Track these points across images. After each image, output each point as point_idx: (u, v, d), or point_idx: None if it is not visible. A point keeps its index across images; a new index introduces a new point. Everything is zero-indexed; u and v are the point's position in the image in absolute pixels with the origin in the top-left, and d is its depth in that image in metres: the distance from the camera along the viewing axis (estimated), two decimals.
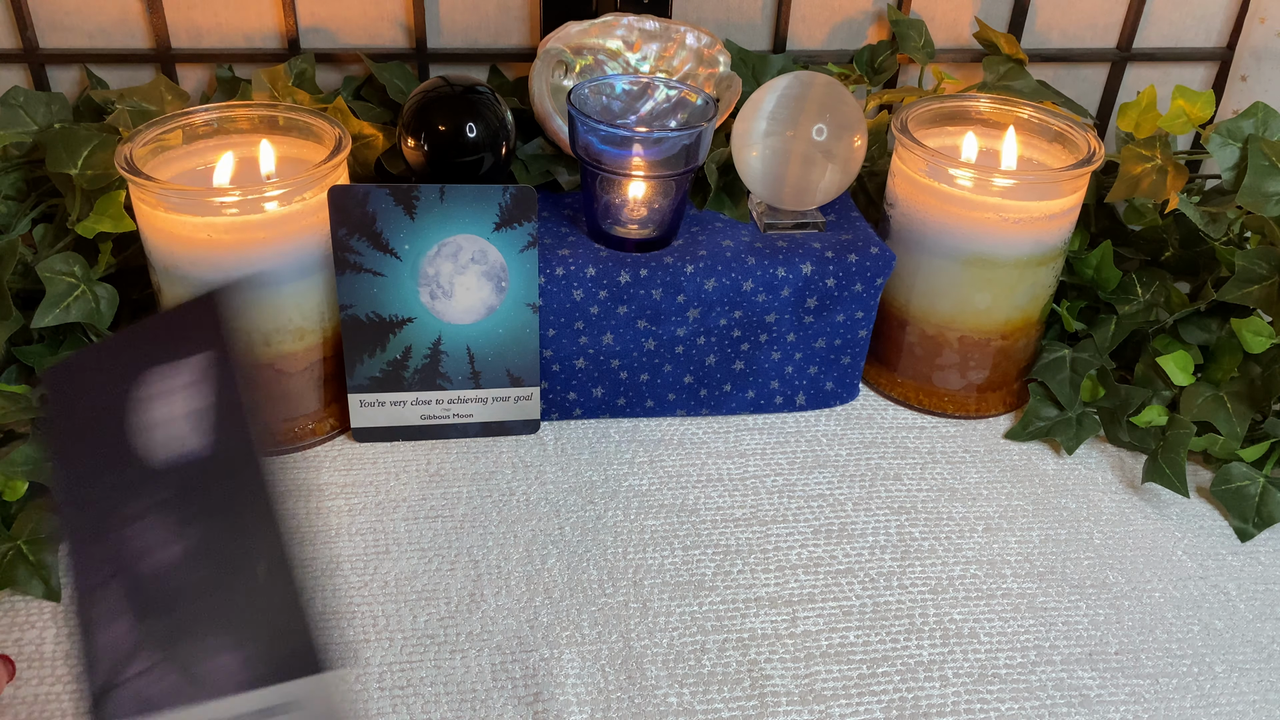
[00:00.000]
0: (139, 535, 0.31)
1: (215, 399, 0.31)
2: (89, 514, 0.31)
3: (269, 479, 0.31)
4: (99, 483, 0.31)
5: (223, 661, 0.30)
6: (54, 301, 0.54)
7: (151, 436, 0.31)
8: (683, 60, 0.68)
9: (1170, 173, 0.61)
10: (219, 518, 0.31)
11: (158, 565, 0.31)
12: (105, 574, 0.31)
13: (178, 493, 0.31)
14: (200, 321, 0.32)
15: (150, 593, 0.31)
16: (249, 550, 0.31)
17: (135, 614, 0.31)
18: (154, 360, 0.31)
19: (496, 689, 0.46)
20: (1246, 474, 0.58)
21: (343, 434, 0.60)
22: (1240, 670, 0.49)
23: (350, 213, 0.54)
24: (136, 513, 0.31)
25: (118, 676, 0.30)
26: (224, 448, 0.31)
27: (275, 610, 0.31)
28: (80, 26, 0.68)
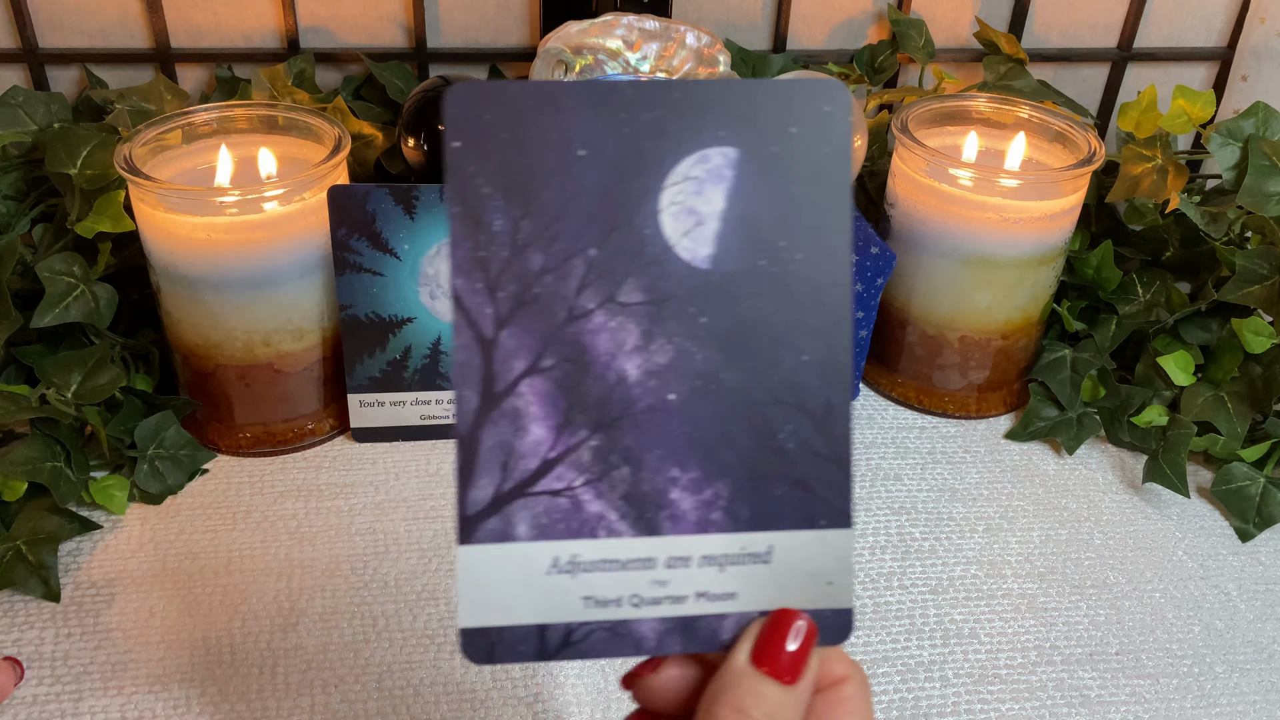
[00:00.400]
0: (598, 335, 0.27)
1: (744, 212, 0.27)
2: (525, 290, 0.27)
3: (800, 322, 0.27)
4: (550, 257, 0.27)
5: (677, 497, 0.28)
6: (53, 301, 0.53)
7: (669, 226, 0.27)
8: (683, 60, 0.68)
9: (1171, 173, 0.61)
10: (713, 345, 0.27)
11: (615, 374, 0.27)
12: (531, 365, 0.27)
13: (669, 299, 0.27)
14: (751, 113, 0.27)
15: (596, 401, 0.27)
16: (746, 389, 0.28)
17: (564, 418, 0.27)
18: (685, 138, 0.26)
19: (496, 690, 0.46)
20: (1247, 474, 0.58)
21: (342, 434, 0.60)
22: (1241, 670, 0.49)
23: (350, 212, 0.54)
24: (600, 304, 0.27)
25: (528, 483, 0.28)
26: (739, 271, 0.27)
27: (770, 451, 0.28)
28: (80, 26, 0.68)
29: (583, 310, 0.27)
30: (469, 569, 0.27)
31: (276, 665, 0.47)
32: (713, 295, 0.27)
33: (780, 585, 0.28)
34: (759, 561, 0.28)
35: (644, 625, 0.28)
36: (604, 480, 0.28)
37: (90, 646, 0.47)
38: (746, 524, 0.28)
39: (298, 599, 0.50)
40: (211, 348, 0.55)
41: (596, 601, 0.28)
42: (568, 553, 0.28)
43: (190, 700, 0.45)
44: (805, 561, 0.28)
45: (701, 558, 0.28)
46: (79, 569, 0.51)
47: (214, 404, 0.57)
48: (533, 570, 0.27)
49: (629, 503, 0.28)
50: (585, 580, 0.28)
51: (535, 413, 0.27)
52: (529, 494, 0.27)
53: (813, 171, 0.27)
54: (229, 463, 0.58)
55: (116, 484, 0.54)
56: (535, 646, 0.28)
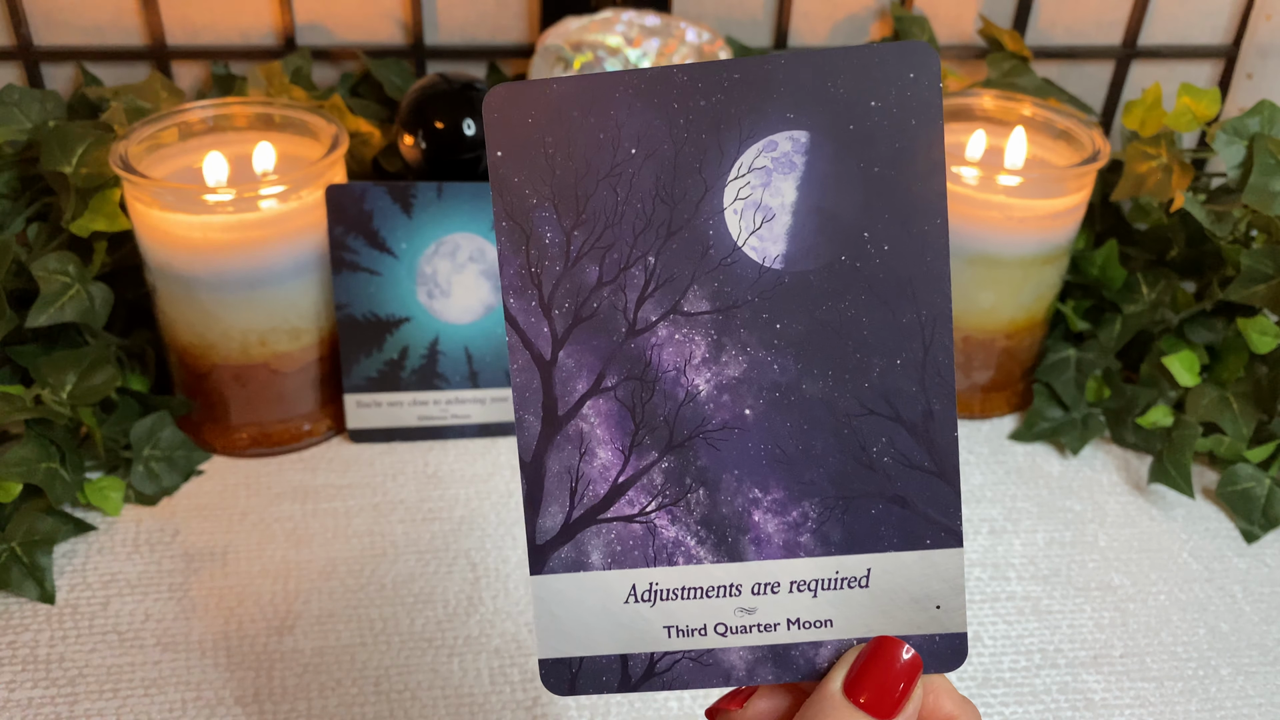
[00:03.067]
0: (663, 350, 0.25)
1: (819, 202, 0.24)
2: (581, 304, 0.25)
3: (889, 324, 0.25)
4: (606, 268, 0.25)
5: (761, 520, 0.26)
6: (48, 301, 0.53)
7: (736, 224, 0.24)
8: (683, 56, 0.67)
9: (1176, 171, 0.61)
10: (790, 353, 0.25)
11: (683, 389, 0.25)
12: (593, 384, 0.26)
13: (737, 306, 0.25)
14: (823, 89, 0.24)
15: (665, 420, 0.25)
16: (830, 400, 0.25)
17: (632, 439, 0.26)
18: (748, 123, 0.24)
19: (495, 693, 0.46)
20: (1253, 475, 0.58)
21: (339, 435, 0.60)
22: (1246, 673, 0.49)
23: (347, 211, 0.54)
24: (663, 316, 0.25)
25: (599, 510, 0.26)
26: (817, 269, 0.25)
27: (860, 465, 0.26)
28: (75, 23, 0.68)
29: (645, 323, 0.25)
30: (544, 599, 0.26)
31: (273, 668, 0.46)
32: (788, 298, 0.25)
33: (882, 611, 0.26)
34: (856, 586, 0.26)
35: (732, 654, 0.26)
36: (679, 504, 0.26)
37: (85, 649, 0.47)
38: (840, 547, 0.26)
39: (294, 601, 0.50)
40: (207, 348, 0.55)
41: (680, 631, 0.26)
42: (645, 580, 0.26)
43: (186, 704, 0.45)
44: (909, 585, 0.26)
45: (792, 583, 0.26)
46: (74, 571, 0.51)
47: (210, 404, 0.57)
48: (610, 600, 0.26)
49: (707, 527, 0.26)
50: (666, 609, 0.26)
51: (601, 435, 0.26)
52: (600, 520, 0.26)
53: (898, 150, 0.24)
54: (225, 464, 0.57)
55: (111, 485, 0.54)
56: (618, 677, 0.27)
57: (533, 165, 0.25)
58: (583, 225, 0.25)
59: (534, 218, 0.25)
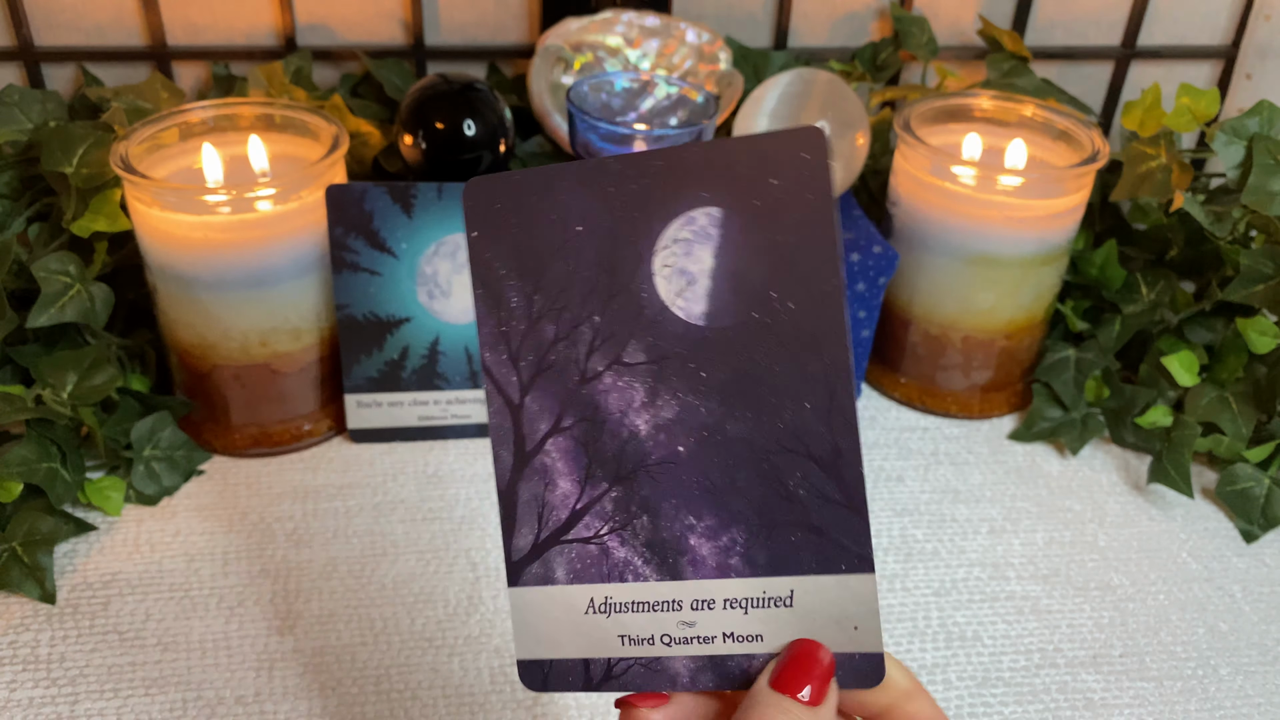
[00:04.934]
0: (609, 395, 0.29)
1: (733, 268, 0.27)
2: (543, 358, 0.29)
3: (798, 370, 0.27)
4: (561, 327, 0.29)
5: (696, 543, 0.29)
6: (49, 301, 0.53)
7: (664, 288, 0.28)
8: (683, 57, 0.67)
9: (1175, 171, 0.61)
10: (715, 397, 0.28)
11: (626, 429, 0.29)
12: (553, 425, 0.29)
13: (669, 356, 0.28)
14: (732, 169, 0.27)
15: (613, 455, 0.29)
16: (751, 438, 0.28)
17: (586, 472, 0.29)
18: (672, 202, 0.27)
19: (495, 692, 0.46)
20: (1252, 475, 0.58)
21: (339, 435, 0.60)
22: (1245, 673, 0.49)
23: (347, 211, 0.54)
24: (609, 367, 0.29)
25: (561, 532, 0.30)
26: (732, 325, 0.28)
27: (780, 497, 0.28)
28: (76, 24, 0.68)
29: (593, 372, 0.29)
30: (519, 609, 0.30)
31: (274, 668, 0.46)
32: (710, 350, 0.28)
33: (805, 629, 0.29)
34: (781, 605, 0.29)
35: (677, 662, 0.29)
36: (626, 529, 0.29)
37: (86, 649, 0.47)
38: (765, 569, 0.29)
39: (295, 601, 0.50)
40: (208, 348, 0.55)
41: (631, 639, 0.30)
42: (601, 594, 0.30)
43: (187, 703, 0.45)
44: (828, 606, 0.28)
45: (725, 600, 0.29)
46: (75, 571, 0.51)
47: (210, 404, 0.57)
48: (573, 610, 0.30)
49: (651, 549, 0.29)
50: (619, 620, 0.30)
51: (561, 468, 0.30)
52: (563, 541, 0.30)
53: (797, 220, 0.27)
54: (225, 464, 0.57)
55: (112, 485, 0.54)
56: (582, 679, 0.30)
57: (500, 243, 0.29)
58: (541, 291, 0.29)
59: (503, 286, 0.29)
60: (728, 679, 0.29)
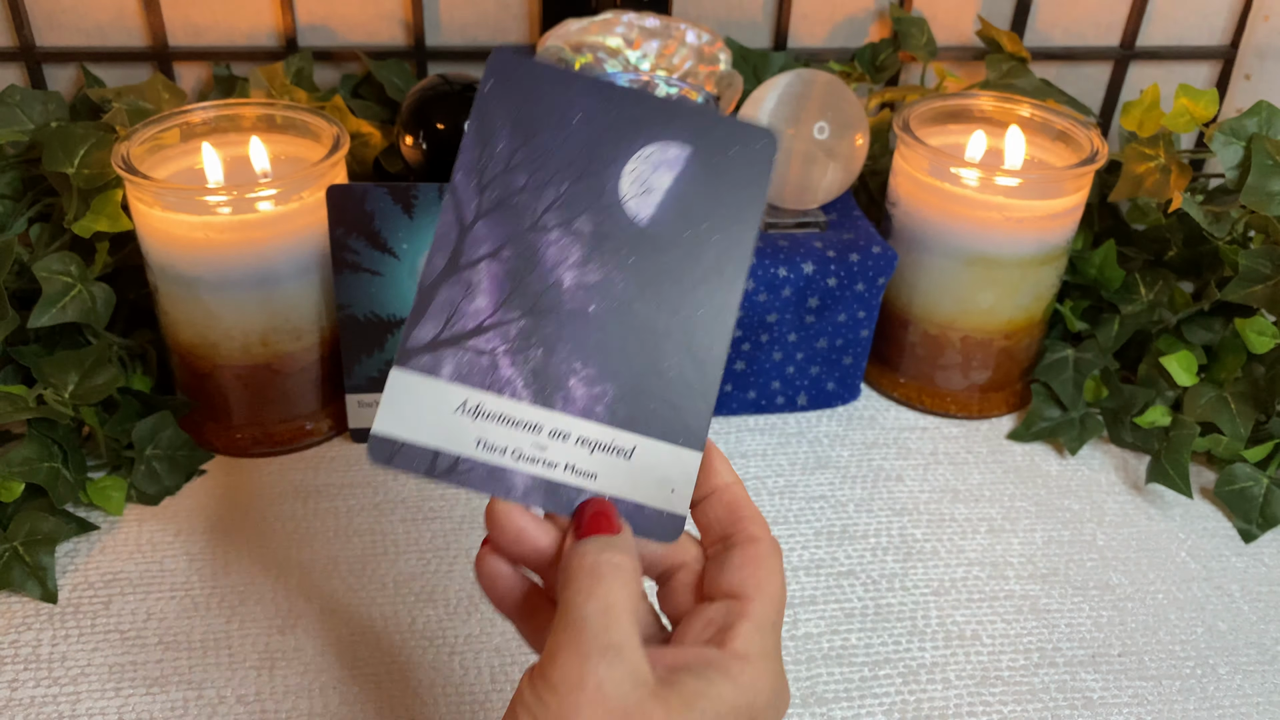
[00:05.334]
0: (551, 246, 0.34)
1: (683, 194, 0.34)
2: (505, 196, 0.34)
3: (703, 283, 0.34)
4: (532, 178, 0.34)
5: (574, 385, 0.34)
6: (50, 301, 0.53)
7: (625, 183, 0.34)
8: (683, 58, 0.67)
9: (1174, 172, 0.61)
10: (633, 278, 0.34)
11: (553, 278, 0.34)
12: (491, 251, 0.34)
13: (609, 229, 0.34)
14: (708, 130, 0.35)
15: (533, 293, 0.34)
16: (650, 319, 0.34)
17: (505, 297, 0.34)
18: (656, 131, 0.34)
19: (495, 691, 0.46)
20: (1250, 475, 0.58)
21: (340, 434, 0.60)
22: (1244, 672, 0.49)
23: (348, 212, 0.54)
24: (559, 223, 0.34)
25: (462, 336, 0.34)
26: (666, 232, 0.34)
27: (653, 372, 0.34)
28: (77, 24, 0.68)
29: (544, 225, 0.34)
30: (395, 389, 0.33)
31: (275, 666, 0.47)
32: (644, 245, 0.34)
33: (633, 480, 0.34)
34: (622, 456, 0.34)
35: (518, 476, 0.33)
36: (521, 354, 0.34)
37: (88, 648, 0.47)
38: (621, 423, 0.34)
39: (296, 600, 0.50)
40: (209, 348, 0.55)
41: (486, 446, 0.33)
42: (475, 400, 0.33)
43: (188, 702, 0.45)
44: (658, 467, 0.34)
45: (578, 438, 0.34)
46: (76, 570, 0.51)
47: (212, 404, 0.57)
48: (443, 405, 0.33)
49: (535, 377, 0.34)
50: (482, 426, 0.33)
51: (485, 288, 0.34)
52: (460, 346, 0.34)
53: (740, 180, 0.34)
54: (227, 463, 0.58)
55: (114, 485, 0.54)
56: (426, 466, 0.33)
57: (507, 101, 0.34)
58: (525, 148, 0.34)
59: (496, 131, 0.34)
60: (555, 504, 0.33)
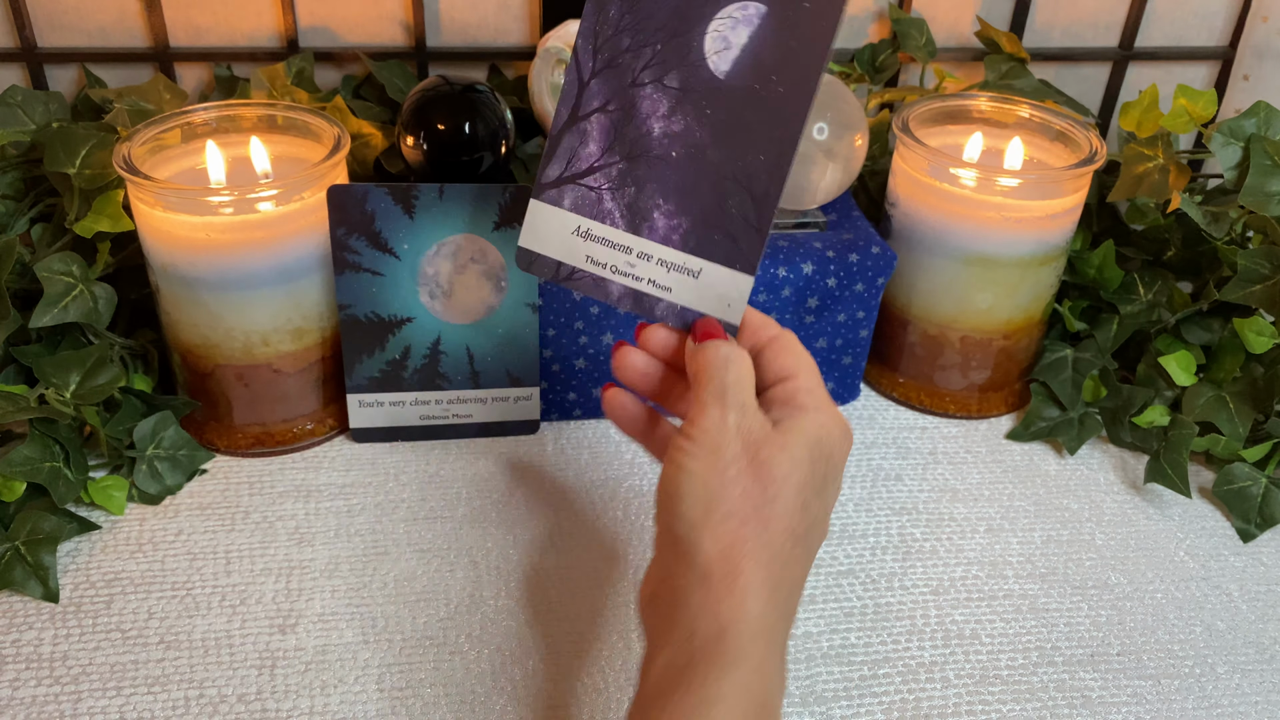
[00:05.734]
0: (646, 100, 0.41)
1: (757, 50, 0.40)
2: (614, 57, 0.42)
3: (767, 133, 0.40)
4: (634, 40, 0.41)
5: (657, 217, 0.42)
6: (52, 301, 0.53)
7: (709, 41, 0.40)
8: None
9: (1172, 172, 0.61)
10: (709, 128, 0.41)
11: (646, 127, 0.42)
12: (601, 105, 0.42)
13: (693, 83, 0.41)
14: None
15: (630, 140, 0.42)
16: (720, 164, 0.41)
17: (609, 144, 0.42)
18: None
19: (496, 690, 0.46)
20: (1249, 474, 0.58)
21: (341, 434, 0.60)
22: (1242, 671, 0.49)
23: (349, 212, 0.54)
24: (653, 80, 0.41)
25: (578, 176, 0.43)
26: (741, 86, 0.40)
27: (720, 209, 0.41)
28: (79, 25, 0.68)
29: (641, 81, 0.42)
30: (533, 214, 0.44)
31: (275, 666, 0.47)
32: (720, 97, 0.41)
33: (699, 295, 0.43)
34: (691, 276, 0.42)
35: (614, 286, 0.44)
36: (619, 191, 0.43)
37: (89, 647, 0.47)
38: (692, 249, 0.42)
39: (297, 600, 0.50)
40: (210, 348, 0.55)
41: (593, 260, 0.44)
42: (586, 225, 0.43)
43: (189, 701, 0.45)
44: (719, 285, 0.42)
45: (659, 260, 0.43)
46: (78, 569, 0.51)
47: (213, 404, 0.57)
48: (565, 228, 0.44)
49: (629, 209, 0.43)
50: (590, 246, 0.43)
51: (595, 135, 0.43)
52: (577, 183, 0.43)
53: (808, 33, 0.39)
54: (228, 463, 0.58)
55: (115, 484, 0.54)
56: (553, 272, 0.44)
57: None
58: (631, 13, 0.42)
59: (601, 16, 0.42)
60: (640, 308, 0.43)
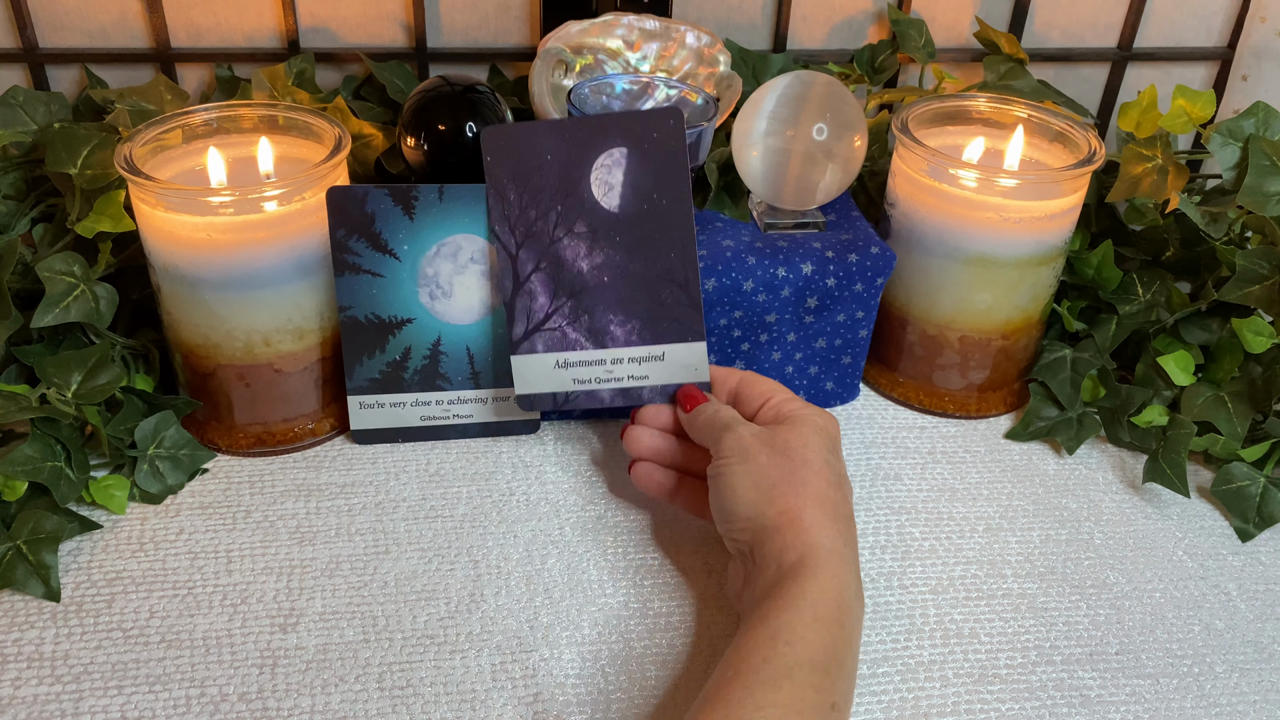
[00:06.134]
0: (566, 249, 0.51)
1: (633, 181, 0.49)
2: (529, 229, 0.51)
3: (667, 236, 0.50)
4: (539, 211, 0.50)
5: (614, 329, 0.52)
6: (53, 301, 0.54)
7: (595, 189, 0.49)
8: (683, 60, 0.68)
9: (1171, 172, 0.61)
10: (623, 251, 0.51)
11: (575, 269, 0.51)
12: (534, 267, 0.51)
13: (597, 224, 0.50)
14: (632, 129, 0.50)
15: (568, 283, 0.52)
16: (643, 273, 0.51)
17: (553, 293, 0.52)
18: (600, 145, 0.49)
19: (496, 689, 0.46)
20: (1247, 474, 0.58)
21: (342, 434, 0.60)
22: (1241, 670, 0.49)
23: (349, 214, 0.54)
24: (565, 233, 0.50)
25: (540, 325, 0.53)
26: (629, 210, 0.50)
27: (658, 304, 0.52)
28: (80, 26, 0.68)
29: (557, 237, 0.52)
30: (518, 366, 0.54)
31: (276, 665, 0.47)
32: (622, 224, 0.51)
33: (670, 371, 0.54)
34: (658, 360, 0.53)
35: (603, 392, 0.54)
36: (576, 322, 0.53)
37: (90, 646, 0.47)
38: (650, 341, 0.53)
39: (298, 599, 0.50)
40: (211, 348, 0.55)
41: (578, 380, 0.54)
42: (562, 358, 0.54)
43: (190, 700, 0.45)
44: (682, 358, 0.53)
45: (628, 359, 0.53)
46: (79, 569, 0.51)
47: (214, 404, 0.57)
48: (546, 366, 0.54)
49: (590, 332, 0.53)
50: (572, 371, 0.54)
51: (539, 291, 0.53)
52: (541, 330, 0.53)
53: (666, 154, 0.49)
54: (229, 463, 0.58)
55: (117, 484, 0.54)
56: (551, 402, 0.55)
57: (503, 164, 0.52)
58: (526, 192, 0.52)
59: (505, 186, 0.52)
60: (629, 400, 0.54)
